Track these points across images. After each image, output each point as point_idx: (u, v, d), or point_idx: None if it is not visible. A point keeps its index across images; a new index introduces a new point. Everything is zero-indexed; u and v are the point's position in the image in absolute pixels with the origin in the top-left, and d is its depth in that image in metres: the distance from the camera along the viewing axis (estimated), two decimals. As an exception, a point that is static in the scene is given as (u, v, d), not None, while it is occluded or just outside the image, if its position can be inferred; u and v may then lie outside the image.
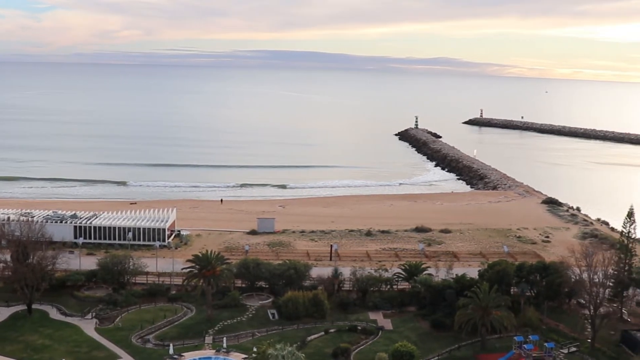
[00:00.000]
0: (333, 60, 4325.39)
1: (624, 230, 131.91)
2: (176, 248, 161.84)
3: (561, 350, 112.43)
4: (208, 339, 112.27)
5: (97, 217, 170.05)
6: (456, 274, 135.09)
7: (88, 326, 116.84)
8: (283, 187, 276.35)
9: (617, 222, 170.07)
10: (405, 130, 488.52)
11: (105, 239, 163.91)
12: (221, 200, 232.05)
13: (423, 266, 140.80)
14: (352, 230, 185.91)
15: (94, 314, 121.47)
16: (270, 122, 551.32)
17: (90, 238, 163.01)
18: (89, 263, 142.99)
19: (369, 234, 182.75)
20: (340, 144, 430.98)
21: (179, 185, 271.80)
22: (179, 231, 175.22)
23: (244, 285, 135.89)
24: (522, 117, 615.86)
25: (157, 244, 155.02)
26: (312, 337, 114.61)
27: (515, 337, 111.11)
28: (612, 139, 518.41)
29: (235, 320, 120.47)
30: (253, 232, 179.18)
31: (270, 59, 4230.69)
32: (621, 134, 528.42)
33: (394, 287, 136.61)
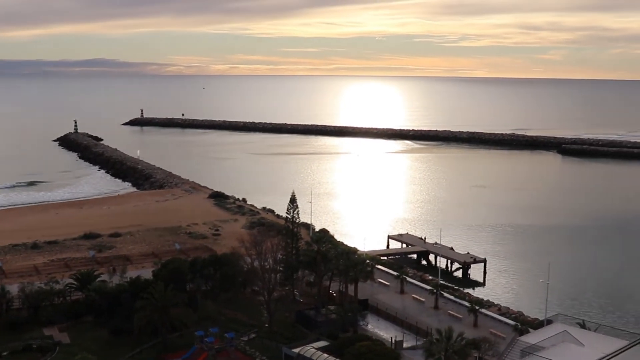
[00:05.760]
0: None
1: (288, 216, 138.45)
2: None
3: (242, 339, 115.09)
4: None
5: None
6: (130, 277, 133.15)
7: None
8: None
9: (281, 209, 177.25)
10: (65, 135, 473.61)
11: None
12: None
13: (96, 273, 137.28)
14: (16, 245, 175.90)
15: None
16: None
17: None
18: None
19: (35, 246, 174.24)
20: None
21: None
22: None
23: None
24: (183, 115, 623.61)
25: None
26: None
27: (196, 332, 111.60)
28: (271, 130, 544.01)
29: None
30: None
31: None
32: (279, 124, 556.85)
33: (67, 298, 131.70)
